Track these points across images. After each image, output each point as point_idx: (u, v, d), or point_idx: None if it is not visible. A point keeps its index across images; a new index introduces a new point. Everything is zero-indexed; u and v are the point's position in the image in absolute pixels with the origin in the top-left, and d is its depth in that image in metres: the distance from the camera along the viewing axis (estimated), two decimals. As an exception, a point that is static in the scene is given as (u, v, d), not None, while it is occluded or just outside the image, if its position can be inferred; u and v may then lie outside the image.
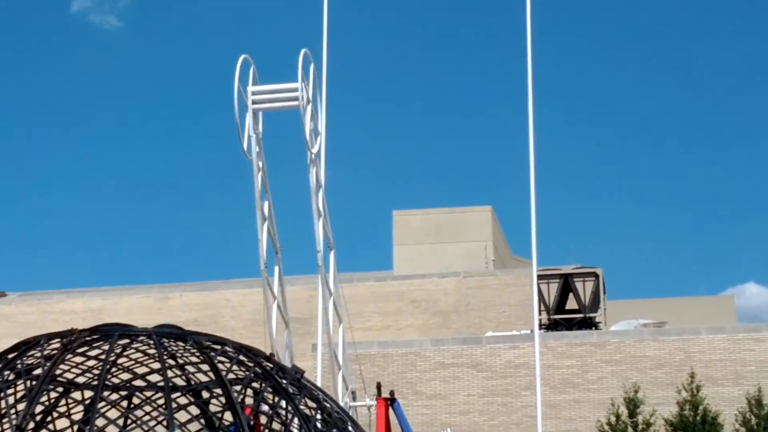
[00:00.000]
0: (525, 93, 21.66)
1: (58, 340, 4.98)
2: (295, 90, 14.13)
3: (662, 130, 69.11)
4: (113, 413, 4.90)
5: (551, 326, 33.44)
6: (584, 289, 34.05)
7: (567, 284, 34.35)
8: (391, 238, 39.17)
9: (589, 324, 33.50)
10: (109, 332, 5.11)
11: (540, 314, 31.02)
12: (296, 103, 14.11)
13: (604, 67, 69.05)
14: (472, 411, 29.52)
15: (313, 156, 15.05)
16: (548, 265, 34.46)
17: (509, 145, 64.54)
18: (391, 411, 17.60)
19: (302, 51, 14.40)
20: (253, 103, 14.48)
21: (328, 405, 5.25)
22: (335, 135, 21.78)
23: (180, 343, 5.24)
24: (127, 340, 5.17)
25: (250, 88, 14.45)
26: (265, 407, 4.97)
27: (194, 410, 5.22)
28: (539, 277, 29.86)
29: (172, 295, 37.50)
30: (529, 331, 29.39)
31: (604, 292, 35.59)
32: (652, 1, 69.35)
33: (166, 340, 5.17)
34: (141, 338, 5.16)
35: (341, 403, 14.24)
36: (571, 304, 34.78)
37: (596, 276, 34.42)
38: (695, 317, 39.10)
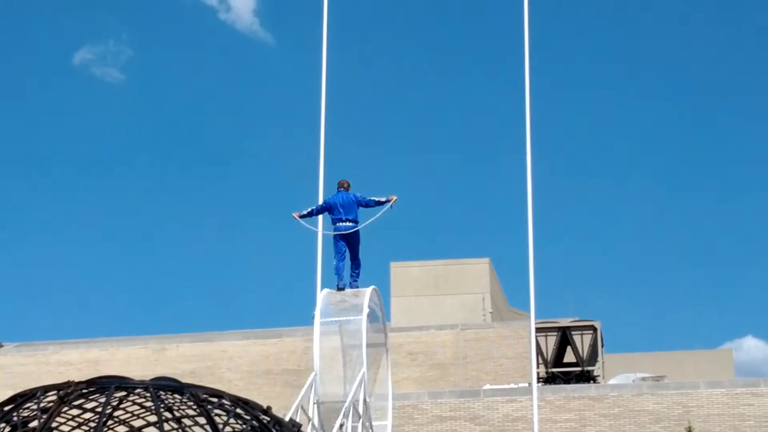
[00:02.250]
0: (523, 144, 21.77)
1: (55, 392, 4.94)
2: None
3: (662, 184, 69.35)
4: (109, 467, 4.87)
5: (549, 379, 33.31)
6: (582, 342, 33.97)
7: (565, 337, 34.27)
8: (389, 290, 39.12)
9: (587, 377, 33.38)
10: (105, 384, 5.08)
11: (538, 367, 30.90)
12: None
13: (603, 117, 69.37)
14: (470, 465, 29.31)
15: None
16: (546, 318, 34.39)
17: (507, 196, 64.64)
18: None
19: None
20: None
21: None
22: (332, 186, 21.80)
23: (177, 396, 5.21)
24: (123, 393, 5.14)
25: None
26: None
27: (190, 464, 5.20)
28: (537, 329, 29.78)
29: (169, 346, 37.37)
30: (526, 385, 29.27)
31: (602, 346, 35.50)
32: (656, 50, 69.88)
33: (163, 393, 5.14)
34: (138, 391, 5.12)
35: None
36: (569, 357, 34.67)
37: (594, 329, 34.34)
38: (694, 371, 38.97)
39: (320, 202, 19.40)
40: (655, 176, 69.01)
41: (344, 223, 18.21)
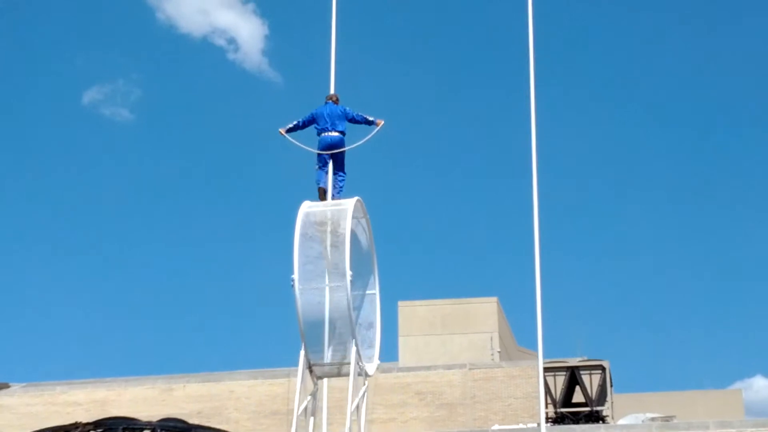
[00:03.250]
0: (530, 183, 21.79)
1: (62, 433, 4.93)
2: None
3: (671, 225, 69.30)
4: None
5: (558, 420, 33.17)
6: (591, 382, 33.85)
7: (574, 377, 34.15)
8: (397, 329, 39.03)
9: (596, 418, 33.23)
10: (112, 426, 5.07)
11: (547, 407, 30.82)
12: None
13: (611, 155, 69.47)
14: (479, 506, 29.16)
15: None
16: (554, 357, 34.29)
17: (514, 235, 64.68)
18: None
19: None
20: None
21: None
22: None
23: (184, 437, 5.19)
24: (130, 434, 5.13)
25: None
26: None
27: (197, 506, 5.17)
28: (546, 369, 29.74)
29: (176, 386, 37.30)
30: (535, 425, 29.15)
31: (611, 385, 35.36)
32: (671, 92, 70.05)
33: (170, 434, 5.13)
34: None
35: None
36: (578, 397, 34.54)
37: (603, 369, 34.23)
38: (703, 411, 38.76)
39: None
40: (665, 217, 69.01)
41: (331, 134, 17.20)
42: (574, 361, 34.88)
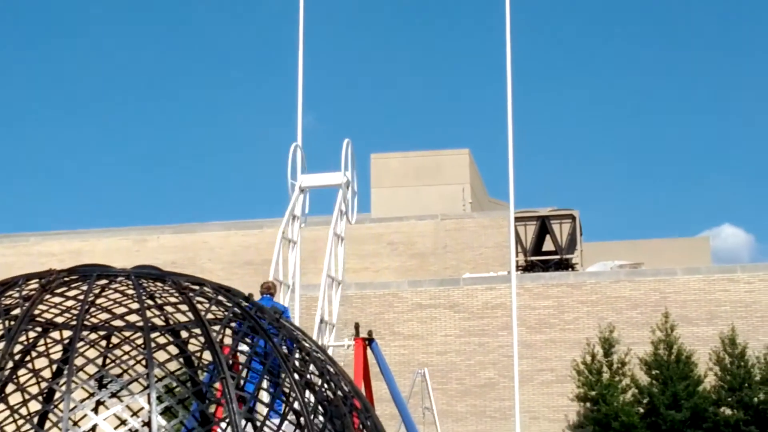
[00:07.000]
0: (503, 37, 21.67)
1: (37, 280, 4.98)
2: (338, 178, 17.12)
3: (639, 74, 69.19)
4: (92, 353, 4.93)
5: (528, 268, 33.69)
6: (561, 230, 34.25)
7: (544, 226, 34.54)
8: (369, 181, 39.22)
9: (565, 265, 33.76)
10: (87, 273, 5.10)
11: (517, 256, 31.24)
12: (338, 184, 17.07)
13: (581, 23, 68.82)
14: (449, 351, 29.82)
15: (350, 222, 17.44)
16: (525, 208, 34.61)
17: (487, 87, 64.44)
18: (369, 351, 17.56)
19: (345, 141, 17.24)
20: (301, 190, 17.29)
21: (306, 345, 5.29)
22: (315, 79, 21.71)
23: (159, 284, 5.24)
24: (105, 281, 5.16)
25: (300, 179, 17.41)
26: (243, 347, 5.01)
27: (173, 350, 5.23)
28: (516, 219, 30.02)
29: (149, 237, 37.50)
30: (506, 273, 29.63)
31: (581, 234, 35.81)
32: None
33: (145, 281, 5.18)
34: (119, 279, 5.15)
35: (320, 343, 14.29)
36: (548, 245, 35.00)
37: (573, 218, 34.61)
38: (671, 258, 39.41)
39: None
40: (631, 67, 68.82)
41: None
42: (544, 211, 35.22)
